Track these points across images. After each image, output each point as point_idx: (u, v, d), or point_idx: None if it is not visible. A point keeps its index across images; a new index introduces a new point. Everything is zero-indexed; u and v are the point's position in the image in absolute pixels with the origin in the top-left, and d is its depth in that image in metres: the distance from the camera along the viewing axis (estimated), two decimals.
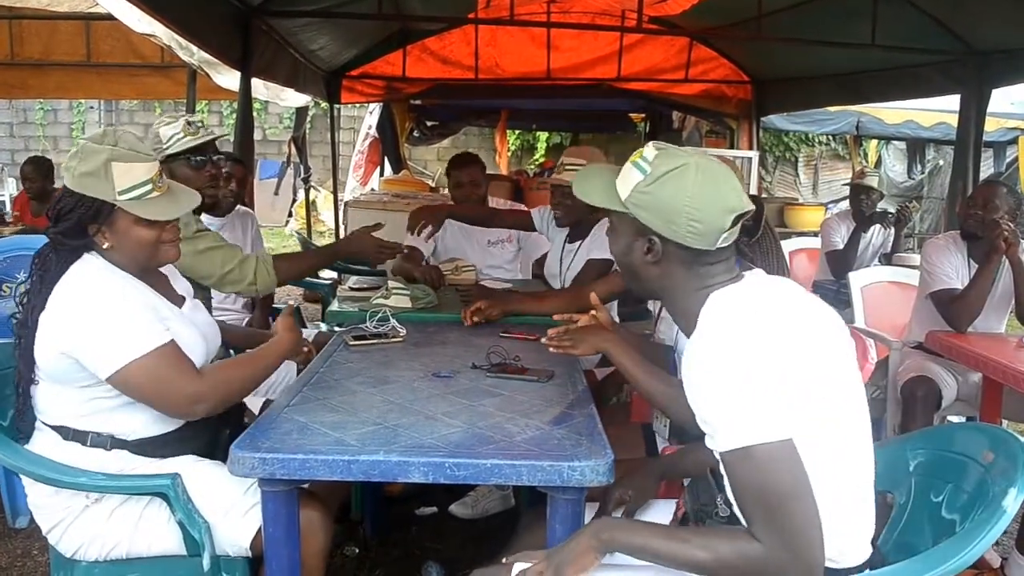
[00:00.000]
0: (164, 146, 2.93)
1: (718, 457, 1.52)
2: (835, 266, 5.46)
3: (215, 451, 2.21)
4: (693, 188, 1.59)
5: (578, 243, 3.86)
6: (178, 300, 2.27)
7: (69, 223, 2.03)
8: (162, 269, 2.30)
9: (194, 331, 2.19)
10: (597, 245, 3.70)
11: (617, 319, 3.92)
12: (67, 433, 2.06)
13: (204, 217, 3.19)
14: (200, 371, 2.06)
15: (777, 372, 1.45)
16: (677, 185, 1.60)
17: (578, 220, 3.80)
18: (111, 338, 1.94)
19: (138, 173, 2.05)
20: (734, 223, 1.60)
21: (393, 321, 2.97)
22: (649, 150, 1.67)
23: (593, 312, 2.60)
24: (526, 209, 4.34)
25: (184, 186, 2.29)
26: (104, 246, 2.07)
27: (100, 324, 1.95)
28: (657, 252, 1.65)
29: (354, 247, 3.38)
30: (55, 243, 2.06)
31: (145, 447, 2.09)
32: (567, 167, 3.73)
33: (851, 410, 1.57)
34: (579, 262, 3.77)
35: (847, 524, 1.58)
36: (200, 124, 3.02)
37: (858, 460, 1.58)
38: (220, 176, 3.14)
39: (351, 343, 2.81)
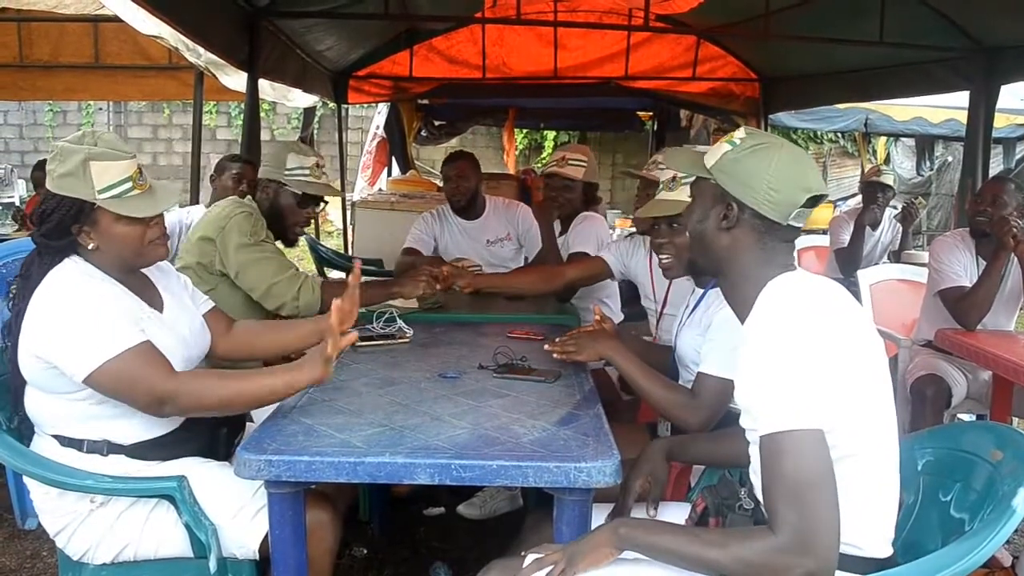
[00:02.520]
0: (285, 172, 3.10)
1: (750, 439, 1.54)
2: (843, 264, 5.44)
3: (214, 451, 2.21)
4: (777, 161, 1.68)
5: (562, 237, 3.95)
6: (159, 305, 2.23)
7: (51, 224, 2.03)
8: (153, 272, 2.28)
9: (171, 336, 2.17)
10: (575, 236, 3.81)
11: (621, 316, 3.95)
12: (63, 440, 2.07)
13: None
14: (175, 372, 2.01)
15: (826, 365, 1.49)
16: (763, 156, 1.69)
17: (572, 212, 3.89)
18: (84, 341, 1.93)
19: (116, 171, 2.04)
20: (807, 203, 1.68)
21: (400, 322, 2.97)
22: (740, 131, 1.78)
23: (598, 318, 2.64)
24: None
25: (166, 183, 2.26)
26: (89, 247, 2.07)
27: (73, 328, 1.94)
28: (732, 218, 1.72)
29: (408, 289, 3.23)
30: (40, 246, 2.06)
31: (142, 451, 2.09)
32: (571, 162, 3.84)
33: (882, 405, 1.61)
34: (563, 252, 3.86)
35: (871, 513, 1.61)
36: (325, 171, 3.19)
37: (885, 453, 1.62)
38: (312, 221, 3.27)
39: (357, 344, 2.81)
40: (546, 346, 2.54)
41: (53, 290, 1.99)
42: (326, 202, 3.30)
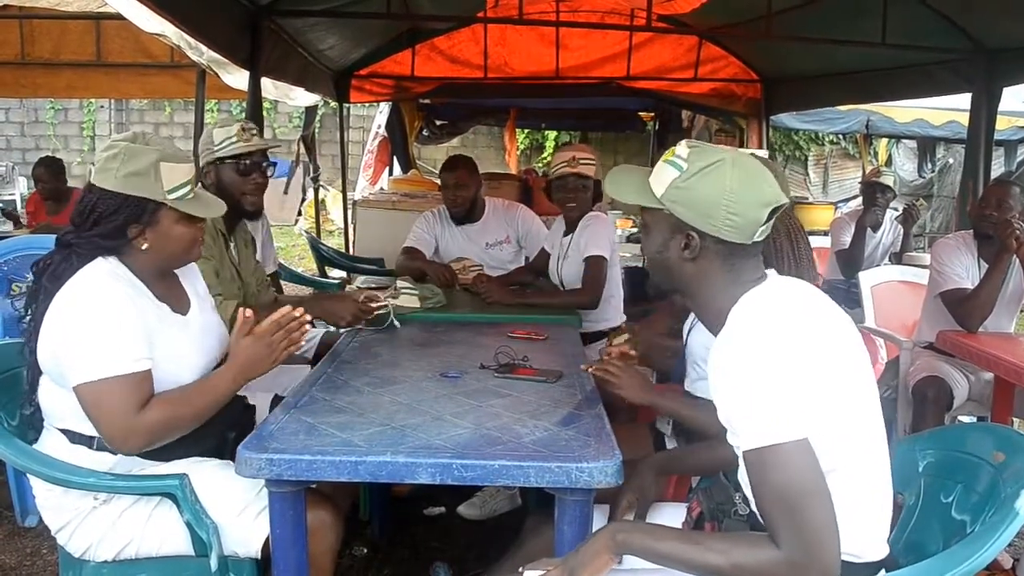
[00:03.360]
0: (215, 147, 3.00)
1: (739, 455, 1.53)
2: (844, 265, 5.44)
3: (222, 453, 2.21)
4: (730, 182, 1.59)
5: (569, 236, 3.91)
6: (184, 306, 2.24)
7: (113, 224, 2.05)
8: (184, 272, 2.31)
9: (190, 342, 2.18)
10: (588, 238, 3.76)
11: (623, 317, 3.94)
12: (73, 436, 2.07)
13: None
14: (145, 409, 1.98)
15: (800, 374, 1.47)
16: (715, 179, 1.59)
17: (584, 212, 3.86)
18: (86, 351, 1.94)
19: (182, 173, 2.09)
20: (770, 216, 1.61)
21: (394, 320, 2.99)
22: (682, 148, 1.66)
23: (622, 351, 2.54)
24: (541, 249, 4.32)
25: (207, 192, 2.31)
26: (143, 247, 2.09)
27: (83, 334, 1.95)
28: (695, 248, 1.64)
29: (339, 310, 3.06)
30: (80, 246, 2.05)
31: (152, 451, 2.08)
32: (582, 161, 3.77)
33: (866, 408, 1.58)
34: (573, 252, 3.82)
35: (866, 520, 1.59)
36: (254, 132, 3.06)
37: (873, 457, 1.60)
38: (265, 185, 3.15)
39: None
40: (591, 369, 2.45)
41: (80, 288, 2.00)
42: (273, 164, 3.16)
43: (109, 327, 1.96)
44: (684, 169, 1.62)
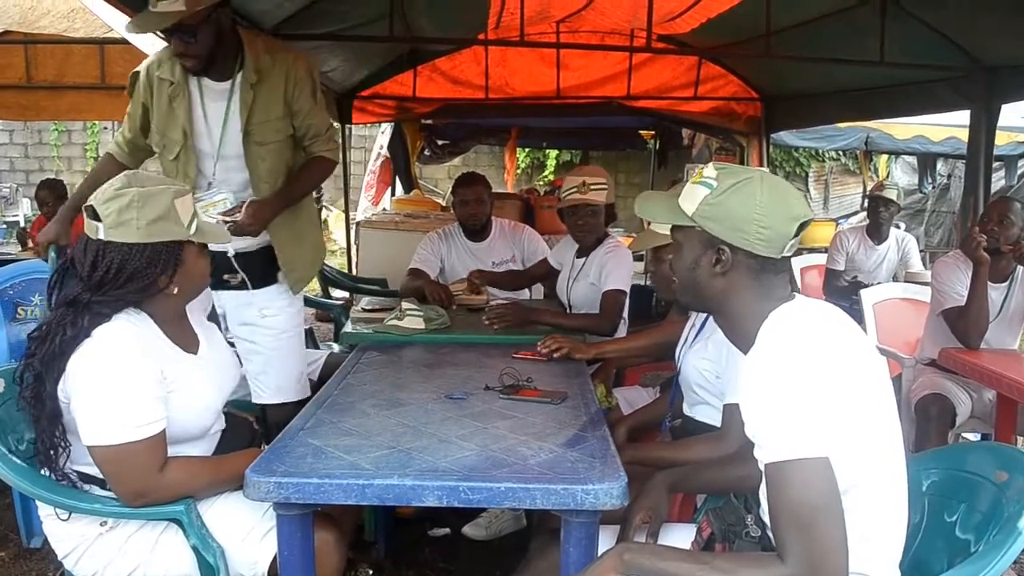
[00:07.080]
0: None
1: (761, 468, 1.54)
2: (826, 281, 5.77)
3: None
4: (760, 197, 1.64)
5: (583, 259, 3.92)
6: (194, 344, 2.21)
7: (149, 278, 1.99)
8: (190, 308, 2.28)
9: (205, 379, 2.17)
10: (611, 271, 3.73)
11: (624, 333, 3.95)
12: (84, 477, 2.07)
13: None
14: (163, 468, 1.99)
15: (827, 394, 1.50)
16: (745, 194, 1.65)
17: (596, 236, 3.86)
18: (105, 415, 1.92)
19: (189, 203, 2.07)
20: (798, 231, 1.66)
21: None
22: (710, 169, 1.72)
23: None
24: (542, 258, 4.50)
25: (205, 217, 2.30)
26: (173, 291, 2.05)
27: (102, 397, 1.93)
28: (726, 262, 1.68)
29: None
30: (108, 304, 1.98)
31: None
32: (593, 187, 3.76)
33: (887, 431, 1.62)
34: (585, 277, 3.82)
35: (880, 540, 1.61)
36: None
37: (892, 479, 1.63)
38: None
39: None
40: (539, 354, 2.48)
41: (100, 347, 1.95)
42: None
43: (127, 392, 1.93)
44: (714, 187, 1.68)
